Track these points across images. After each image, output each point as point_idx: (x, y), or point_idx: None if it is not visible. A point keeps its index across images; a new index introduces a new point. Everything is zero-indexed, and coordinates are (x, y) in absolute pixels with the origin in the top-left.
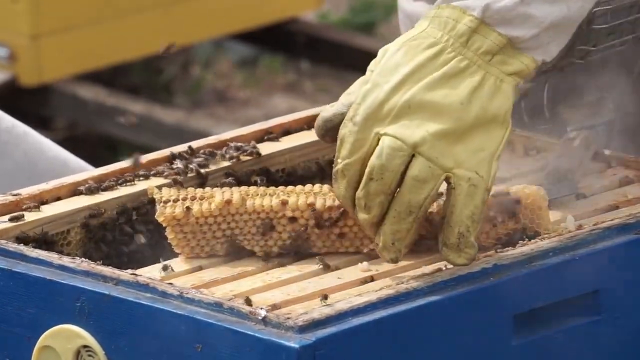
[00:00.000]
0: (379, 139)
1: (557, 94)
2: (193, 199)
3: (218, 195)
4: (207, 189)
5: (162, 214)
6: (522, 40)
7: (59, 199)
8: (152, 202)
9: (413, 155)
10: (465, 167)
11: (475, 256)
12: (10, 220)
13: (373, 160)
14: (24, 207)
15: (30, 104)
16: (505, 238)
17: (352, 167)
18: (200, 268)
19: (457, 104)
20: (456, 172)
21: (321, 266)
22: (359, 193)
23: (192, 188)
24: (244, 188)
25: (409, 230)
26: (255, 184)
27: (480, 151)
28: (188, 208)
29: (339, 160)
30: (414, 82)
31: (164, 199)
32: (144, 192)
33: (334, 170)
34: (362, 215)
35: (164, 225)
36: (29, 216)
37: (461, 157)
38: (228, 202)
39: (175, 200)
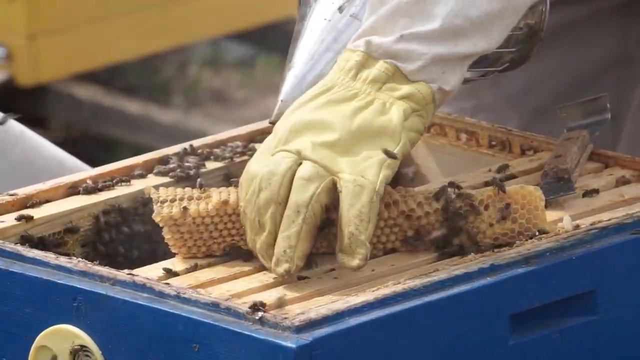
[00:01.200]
0: None
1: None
2: (190, 199)
3: (215, 196)
4: (204, 188)
5: (159, 214)
6: (410, 72)
7: (55, 199)
8: (149, 202)
9: (300, 164)
10: (350, 172)
11: (367, 256)
12: (17, 219)
13: (261, 171)
14: (28, 205)
15: (27, 104)
16: (503, 238)
17: (250, 204)
18: (195, 268)
19: (340, 117)
20: (341, 176)
21: (310, 263)
22: (251, 214)
23: (189, 188)
24: None
25: (299, 233)
26: None
27: (367, 159)
28: (185, 208)
29: (241, 205)
30: (299, 112)
31: (161, 198)
32: (140, 192)
33: (241, 221)
34: (258, 239)
35: (160, 225)
36: (25, 216)
37: (347, 165)
38: (225, 202)
39: (172, 200)
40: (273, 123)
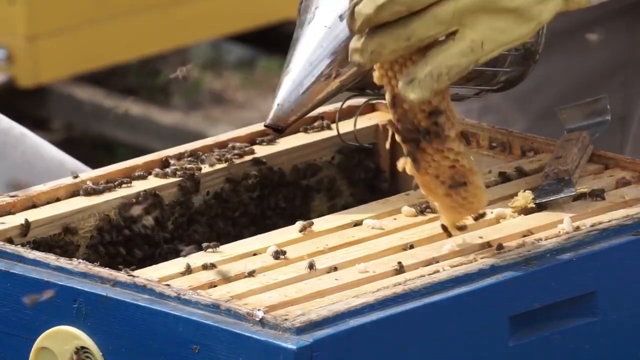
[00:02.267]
0: None
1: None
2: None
3: None
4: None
5: None
6: None
7: (56, 200)
8: (148, 203)
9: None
10: (476, 31)
11: (424, 99)
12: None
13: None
14: (32, 205)
15: (28, 105)
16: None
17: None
18: (191, 270)
19: None
20: (466, 31)
21: (308, 265)
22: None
23: None
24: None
25: (393, 51)
26: (252, 185)
27: (499, 32)
28: None
29: None
30: None
31: None
32: (140, 194)
33: None
34: (364, 10)
35: None
36: (25, 217)
37: (481, 23)
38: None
39: None
40: (268, 126)
